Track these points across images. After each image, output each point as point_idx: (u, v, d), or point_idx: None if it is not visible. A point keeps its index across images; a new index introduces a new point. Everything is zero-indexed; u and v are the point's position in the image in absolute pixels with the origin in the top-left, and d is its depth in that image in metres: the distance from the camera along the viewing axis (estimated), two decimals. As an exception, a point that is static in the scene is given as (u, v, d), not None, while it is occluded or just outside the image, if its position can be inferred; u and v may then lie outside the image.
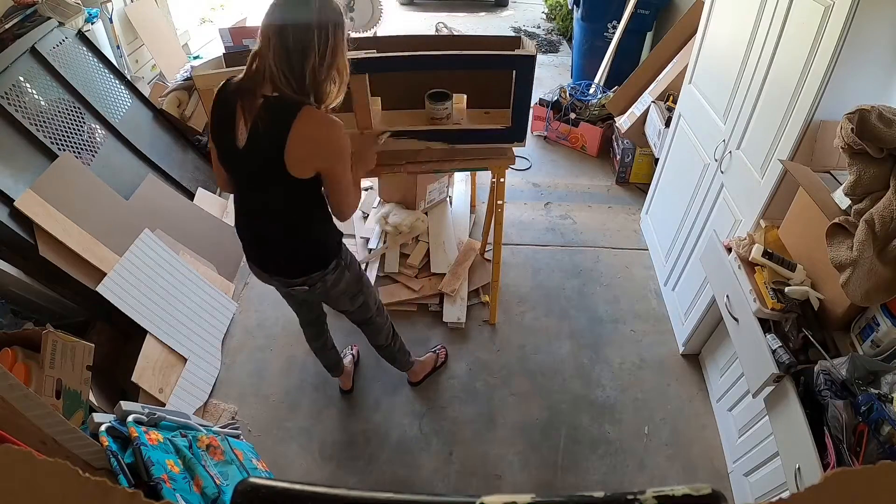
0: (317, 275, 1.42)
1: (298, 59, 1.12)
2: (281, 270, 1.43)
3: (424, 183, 2.71)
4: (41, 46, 2.29)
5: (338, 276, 1.46)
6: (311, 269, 1.41)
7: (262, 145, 1.18)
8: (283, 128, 1.14)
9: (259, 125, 1.16)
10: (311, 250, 1.40)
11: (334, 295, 1.53)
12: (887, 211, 1.14)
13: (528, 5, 6.76)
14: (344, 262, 1.47)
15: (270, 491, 0.40)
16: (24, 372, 1.39)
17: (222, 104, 1.22)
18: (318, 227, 1.39)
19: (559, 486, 1.83)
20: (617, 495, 0.36)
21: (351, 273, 1.51)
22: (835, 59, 1.31)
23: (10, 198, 1.80)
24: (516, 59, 1.71)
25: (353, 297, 1.59)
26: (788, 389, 1.25)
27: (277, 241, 1.38)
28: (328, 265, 1.42)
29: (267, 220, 1.37)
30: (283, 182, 1.21)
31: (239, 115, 1.19)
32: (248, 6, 5.55)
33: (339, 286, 1.49)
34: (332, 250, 1.43)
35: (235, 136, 1.20)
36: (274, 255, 1.41)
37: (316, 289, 1.46)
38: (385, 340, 1.83)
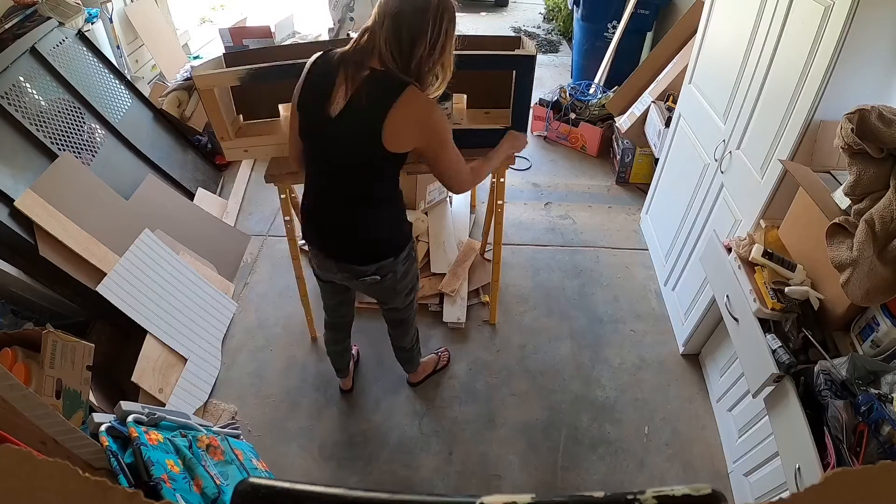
0: (389, 263, 1.39)
1: (408, 46, 1.13)
2: (353, 256, 1.39)
3: (424, 183, 2.71)
4: (41, 46, 2.29)
5: (407, 267, 1.45)
6: (385, 254, 1.38)
7: (362, 115, 1.17)
8: (387, 101, 1.14)
9: (362, 95, 1.16)
10: (387, 234, 1.38)
11: (400, 287, 1.50)
12: (887, 211, 1.14)
13: (528, 5, 6.76)
14: (414, 252, 1.47)
15: (270, 491, 0.40)
16: (24, 372, 1.39)
17: (319, 73, 1.21)
18: (395, 210, 1.38)
19: (559, 486, 1.83)
20: (617, 495, 0.36)
21: (416, 266, 1.51)
22: (835, 59, 1.31)
23: (10, 198, 1.80)
24: (516, 59, 1.71)
25: (409, 292, 1.57)
26: (788, 389, 1.25)
27: (353, 222, 1.34)
28: (401, 252, 1.40)
29: (344, 198, 1.32)
30: (373, 154, 1.19)
31: (339, 84, 1.17)
32: (248, 6, 5.55)
33: (408, 277, 1.48)
34: (405, 236, 1.42)
35: (329, 105, 1.18)
36: (348, 237, 1.37)
37: (387, 279, 1.43)
38: (410, 343, 1.84)
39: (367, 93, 1.15)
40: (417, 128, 1.19)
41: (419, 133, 1.20)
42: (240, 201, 3.00)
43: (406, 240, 1.43)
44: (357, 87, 1.16)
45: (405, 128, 1.17)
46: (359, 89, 1.16)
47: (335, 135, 1.21)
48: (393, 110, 1.14)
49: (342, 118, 1.18)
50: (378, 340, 2.29)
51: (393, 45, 1.13)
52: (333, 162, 1.28)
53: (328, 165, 1.30)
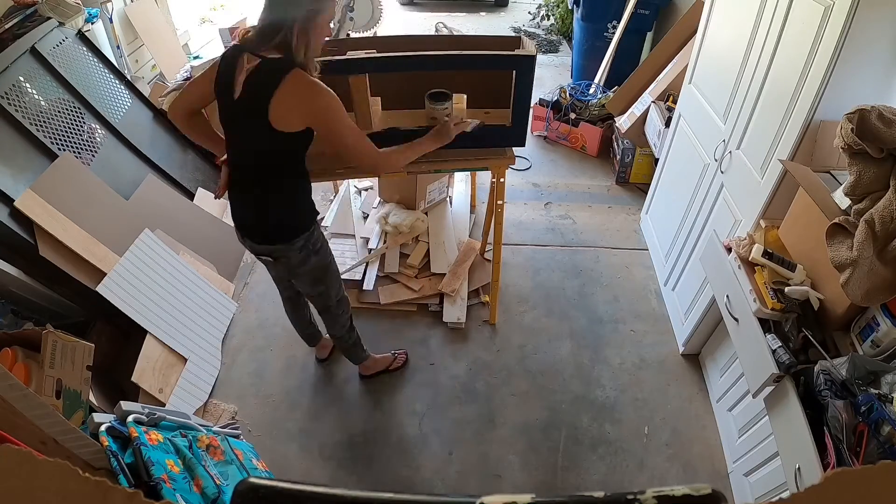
0: (281, 248, 1.50)
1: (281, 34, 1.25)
2: (250, 232, 1.52)
3: (424, 183, 2.71)
4: (41, 46, 2.29)
5: (303, 258, 1.53)
6: (276, 238, 1.49)
7: (253, 97, 1.28)
8: (272, 83, 1.25)
9: (255, 79, 1.28)
10: (280, 219, 1.48)
11: (299, 274, 1.60)
12: (887, 211, 1.14)
13: (528, 5, 6.76)
14: (312, 246, 1.54)
15: (270, 491, 0.40)
16: (24, 372, 1.39)
17: (227, 62, 1.33)
18: (290, 197, 1.46)
19: (559, 486, 1.83)
20: (617, 495, 0.36)
21: (318, 258, 1.57)
22: (835, 59, 1.31)
23: (10, 198, 1.80)
24: (516, 59, 1.71)
25: (314, 283, 1.66)
26: (788, 389, 1.25)
27: (249, 202, 1.48)
28: (294, 240, 1.48)
29: (249, 175, 1.44)
30: (264, 134, 1.30)
31: (239, 71, 1.29)
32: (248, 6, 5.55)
33: (304, 267, 1.56)
34: (300, 226, 1.49)
35: (234, 88, 1.31)
36: (248, 213, 1.50)
37: (279, 263, 1.56)
38: (339, 331, 1.89)
39: (258, 77, 1.28)
40: (302, 107, 1.29)
41: (305, 112, 1.30)
42: (240, 201, 3.00)
43: (300, 230, 1.49)
44: (251, 72, 1.28)
45: (290, 108, 1.28)
46: (252, 74, 1.28)
47: (238, 115, 1.35)
48: (277, 92, 1.25)
49: (241, 101, 1.31)
50: (376, 340, 2.29)
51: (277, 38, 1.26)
52: (238, 141, 1.41)
53: (236, 144, 1.43)
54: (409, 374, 2.17)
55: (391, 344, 2.27)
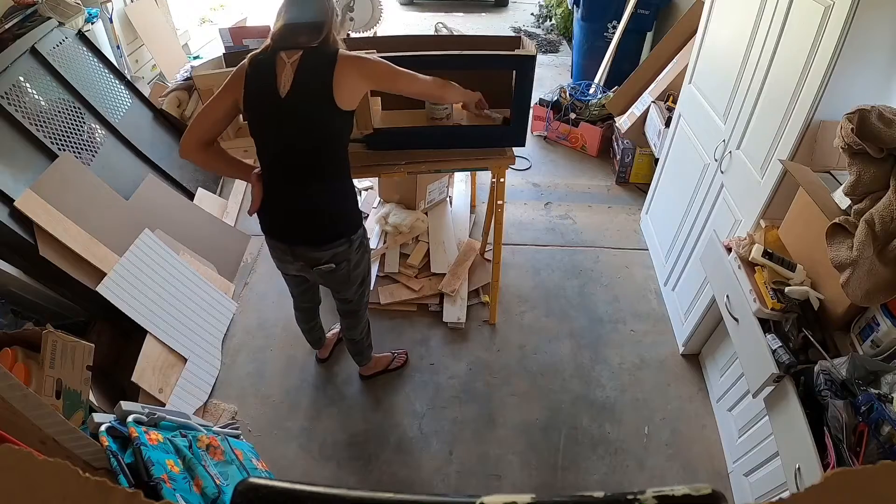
0: (344, 250, 1.47)
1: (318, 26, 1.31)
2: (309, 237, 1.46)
3: (424, 183, 2.71)
4: (41, 46, 2.29)
5: (360, 256, 1.55)
6: (341, 235, 1.46)
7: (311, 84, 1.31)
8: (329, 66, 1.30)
9: (305, 69, 1.30)
10: (339, 215, 1.46)
11: (354, 276, 1.59)
12: (887, 211, 1.14)
13: (528, 5, 6.76)
14: (366, 241, 1.56)
15: (270, 491, 0.40)
16: (24, 372, 1.39)
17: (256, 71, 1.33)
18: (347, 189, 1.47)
19: (559, 486, 1.83)
20: (617, 495, 0.36)
21: (369, 256, 1.60)
22: (835, 59, 1.31)
23: (10, 198, 1.80)
24: (516, 59, 1.71)
25: (361, 283, 1.65)
26: (788, 389, 1.25)
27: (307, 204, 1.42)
28: (354, 234, 1.48)
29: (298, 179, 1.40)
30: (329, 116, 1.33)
31: (280, 69, 1.30)
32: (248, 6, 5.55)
33: (360, 267, 1.58)
34: (357, 221, 1.50)
35: (278, 89, 1.30)
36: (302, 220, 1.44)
37: (341, 268, 1.51)
38: (359, 335, 1.90)
39: (309, 66, 1.30)
40: (362, 75, 1.35)
41: (366, 78, 1.36)
42: (240, 201, 3.00)
43: (357, 224, 1.51)
44: (297, 65, 1.30)
45: (352, 80, 1.33)
46: (300, 66, 1.30)
47: (290, 111, 1.32)
48: (336, 71, 1.30)
49: (293, 94, 1.30)
50: (377, 340, 2.29)
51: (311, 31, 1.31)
52: (288, 142, 1.37)
53: (282, 148, 1.38)
54: (409, 374, 2.17)
55: (391, 344, 2.27)
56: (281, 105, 1.31)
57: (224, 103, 1.36)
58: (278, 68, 1.30)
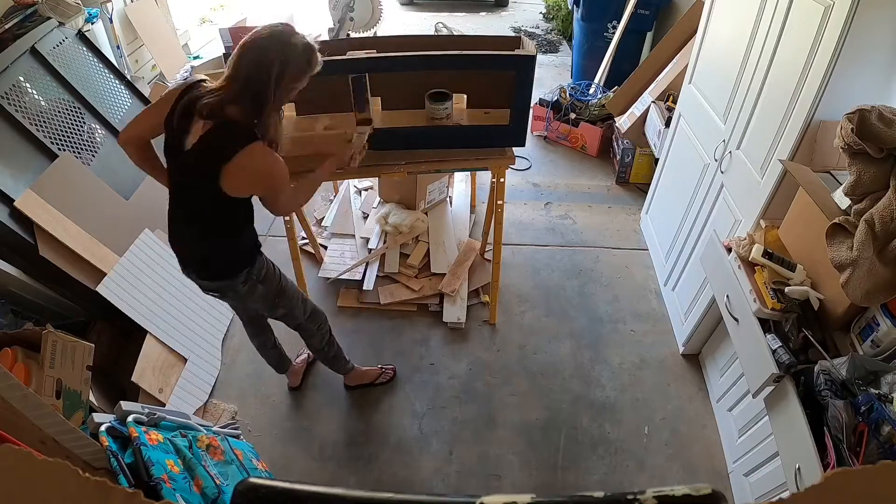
0: (226, 284, 1.48)
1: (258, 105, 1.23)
2: (193, 269, 1.50)
3: (424, 183, 2.71)
4: (41, 46, 2.29)
5: (249, 289, 1.51)
6: (219, 276, 1.47)
7: (207, 158, 1.26)
8: (229, 153, 1.23)
9: (211, 139, 1.24)
10: (222, 258, 1.46)
11: (250, 303, 1.61)
12: (887, 211, 1.14)
13: (528, 5, 6.76)
14: (256, 276, 1.51)
15: (270, 491, 0.40)
16: (24, 372, 1.39)
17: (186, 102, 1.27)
18: (232, 239, 1.45)
19: (559, 486, 1.83)
20: (617, 495, 0.36)
21: (266, 286, 1.55)
22: (835, 59, 1.31)
23: (10, 198, 1.80)
24: (516, 59, 1.71)
25: (271, 308, 1.64)
26: (788, 389, 1.25)
27: (192, 242, 1.46)
28: (237, 275, 1.47)
29: (187, 217, 1.42)
30: (214, 196, 1.28)
31: (196, 122, 1.25)
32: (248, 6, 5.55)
33: (253, 296, 1.55)
34: (242, 262, 1.48)
35: (185, 138, 1.27)
36: (189, 251, 1.48)
37: (227, 297, 1.57)
38: (318, 345, 1.87)
39: (215, 139, 1.24)
40: (255, 182, 1.31)
41: (258, 184, 1.32)
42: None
43: (242, 265, 1.47)
44: (209, 130, 1.24)
45: (242, 180, 1.28)
46: (209, 133, 1.24)
47: (185, 165, 1.30)
48: (232, 163, 1.23)
49: (192, 154, 1.27)
50: (376, 341, 2.29)
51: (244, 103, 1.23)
52: (182, 187, 1.37)
53: (179, 187, 1.38)
54: (409, 374, 2.17)
55: (391, 344, 2.27)
56: (181, 156, 1.29)
57: (157, 117, 1.33)
58: (194, 120, 1.25)
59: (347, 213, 2.78)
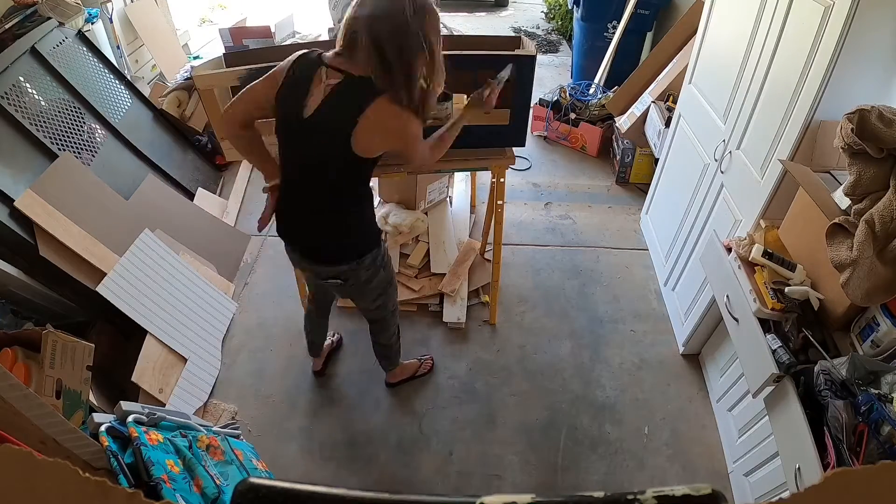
0: (351, 268, 1.43)
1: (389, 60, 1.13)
2: (316, 255, 1.44)
3: (424, 183, 2.71)
4: (41, 46, 2.29)
5: (372, 274, 1.48)
6: (347, 258, 1.41)
7: (333, 121, 1.19)
8: (357, 110, 1.16)
9: (335, 101, 1.18)
10: (350, 238, 1.41)
11: (367, 291, 1.56)
12: (887, 211, 1.14)
13: (528, 5, 6.76)
14: (381, 259, 1.49)
15: (270, 491, 0.40)
16: (24, 372, 1.39)
17: (298, 73, 1.22)
18: (361, 215, 1.41)
19: (559, 486, 1.83)
20: (617, 495, 0.36)
21: (385, 273, 1.53)
22: (835, 59, 1.31)
23: (10, 198, 1.80)
24: (516, 59, 1.71)
25: (376, 297, 1.62)
26: (788, 389, 1.25)
27: (317, 224, 1.38)
28: (364, 256, 1.42)
29: (311, 198, 1.35)
30: (342, 158, 1.22)
31: (315, 86, 1.19)
32: (248, 6, 5.55)
33: (373, 283, 1.52)
34: (370, 242, 1.44)
35: (304, 106, 1.20)
36: (312, 238, 1.42)
37: (348, 284, 1.48)
38: (388, 339, 1.86)
39: (340, 99, 1.18)
40: (388, 136, 1.22)
41: (390, 141, 1.24)
42: (240, 201, 3.00)
43: (370, 246, 1.44)
44: (330, 92, 1.18)
45: (375, 136, 1.20)
46: (331, 95, 1.18)
47: (307, 135, 1.24)
48: (362, 119, 1.16)
49: (314, 120, 1.20)
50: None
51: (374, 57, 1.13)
52: (304, 161, 1.31)
53: (299, 163, 1.32)
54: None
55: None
56: (302, 125, 1.22)
57: (266, 92, 1.27)
58: (313, 84, 1.18)
59: (347, 213, 2.78)
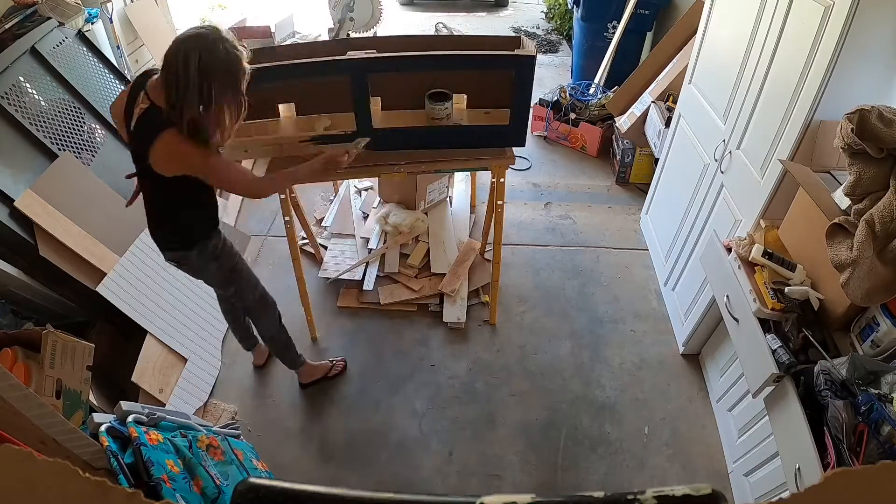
0: (180, 255, 1.60)
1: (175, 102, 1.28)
2: (154, 238, 1.61)
3: (424, 183, 2.71)
4: (41, 46, 2.29)
5: (202, 264, 1.62)
6: (173, 247, 1.59)
7: (137, 141, 1.38)
8: (150, 138, 1.32)
9: (139, 125, 1.35)
10: (175, 232, 1.57)
11: (203, 277, 1.71)
12: (887, 211, 1.14)
13: (528, 5, 6.76)
14: (211, 253, 1.61)
15: (270, 491, 0.40)
16: (24, 372, 1.39)
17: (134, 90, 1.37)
18: (182, 214, 1.54)
19: (559, 486, 1.83)
20: (617, 495, 0.36)
21: (218, 264, 1.65)
22: (835, 59, 1.31)
23: (10, 198, 1.80)
24: (516, 59, 1.71)
25: (222, 285, 1.75)
26: (788, 389, 1.25)
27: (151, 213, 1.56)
28: (190, 248, 1.58)
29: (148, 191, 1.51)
30: (148, 171, 1.38)
31: (138, 106, 1.35)
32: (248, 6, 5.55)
33: (206, 272, 1.67)
34: (195, 238, 1.58)
35: (130, 122, 1.37)
36: (149, 223, 1.58)
37: (182, 267, 1.65)
38: (268, 332, 1.92)
39: (143, 124, 1.34)
40: (175, 164, 1.37)
41: (179, 167, 1.37)
42: (240, 201, 3.00)
43: (195, 241, 1.57)
44: (140, 115, 1.34)
45: (165, 162, 1.35)
46: (140, 119, 1.34)
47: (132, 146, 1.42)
48: (152, 148, 1.32)
49: (131, 137, 1.39)
50: (377, 340, 2.29)
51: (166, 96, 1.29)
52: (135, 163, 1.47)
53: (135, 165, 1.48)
54: (409, 374, 2.17)
55: (391, 344, 2.27)
56: (130, 137, 1.39)
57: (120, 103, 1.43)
58: (137, 102, 1.34)
59: (347, 214, 2.78)
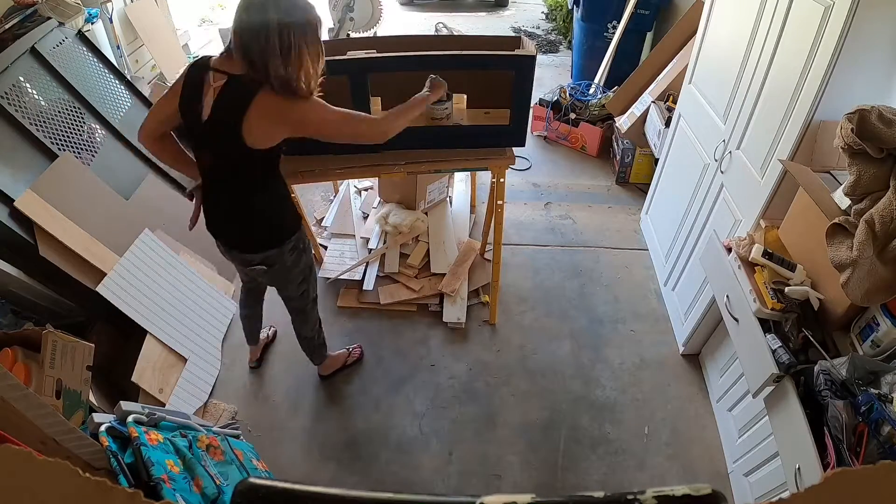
0: (274, 253, 1.51)
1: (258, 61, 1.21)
2: (239, 244, 1.53)
3: (424, 183, 2.71)
4: (41, 46, 2.29)
5: (295, 258, 1.57)
6: (268, 244, 1.50)
7: (223, 121, 1.28)
8: (241, 107, 1.25)
9: (222, 102, 1.27)
10: (269, 226, 1.50)
11: (292, 277, 1.64)
12: (887, 211, 1.14)
13: (528, 5, 6.76)
14: (302, 244, 1.57)
15: (270, 491, 0.40)
16: (24, 372, 1.39)
17: (192, 81, 1.31)
18: (275, 201, 1.48)
19: (559, 486, 1.83)
20: (617, 495, 0.36)
21: (307, 257, 1.62)
22: (835, 59, 1.31)
23: (10, 198, 1.80)
24: (516, 59, 1.71)
25: (301, 282, 1.69)
26: (788, 389, 1.25)
27: (235, 214, 1.48)
28: (286, 242, 1.51)
29: (226, 191, 1.46)
30: (240, 153, 1.30)
31: (206, 91, 1.28)
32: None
33: (297, 268, 1.61)
34: (289, 228, 1.52)
35: (201, 109, 1.29)
36: (232, 228, 1.51)
37: (274, 269, 1.57)
38: (310, 332, 1.91)
39: (226, 99, 1.27)
40: (279, 125, 1.30)
41: (282, 128, 1.31)
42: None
43: (290, 231, 1.52)
44: (218, 93, 1.27)
45: (264, 127, 1.28)
46: (219, 96, 1.27)
47: (208, 136, 1.34)
48: (249, 113, 1.24)
49: (210, 123, 1.30)
50: (377, 340, 2.29)
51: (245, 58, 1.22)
52: (211, 160, 1.41)
53: (208, 163, 1.42)
54: (409, 373, 2.17)
55: (391, 344, 2.27)
56: (203, 128, 1.31)
57: (170, 105, 1.36)
58: (205, 88, 1.28)
59: (347, 214, 2.78)
